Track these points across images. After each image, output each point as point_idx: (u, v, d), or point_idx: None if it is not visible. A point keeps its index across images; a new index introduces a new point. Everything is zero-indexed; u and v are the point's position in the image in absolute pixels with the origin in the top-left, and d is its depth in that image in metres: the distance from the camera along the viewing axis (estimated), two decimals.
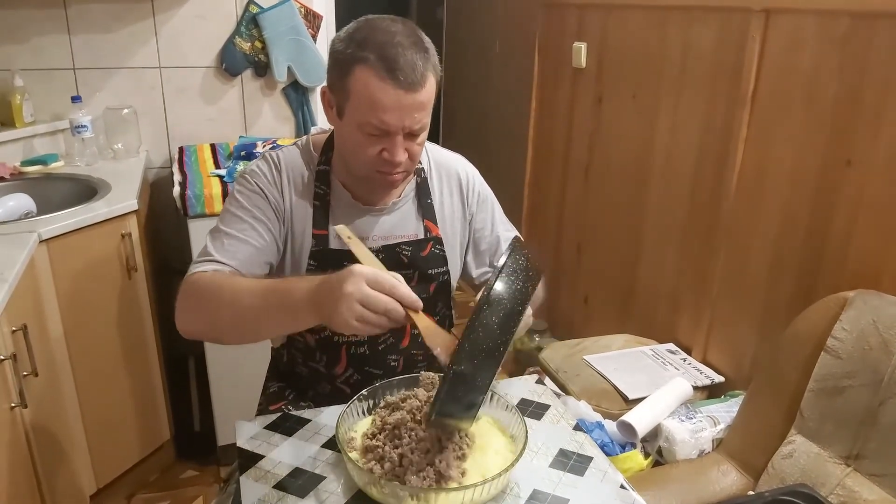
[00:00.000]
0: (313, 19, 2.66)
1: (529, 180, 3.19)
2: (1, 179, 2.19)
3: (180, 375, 2.67)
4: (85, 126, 2.35)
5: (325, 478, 1.03)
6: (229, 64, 2.59)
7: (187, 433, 2.48)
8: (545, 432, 1.17)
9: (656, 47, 2.24)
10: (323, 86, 1.23)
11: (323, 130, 1.38)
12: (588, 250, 2.78)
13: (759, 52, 1.85)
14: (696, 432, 1.75)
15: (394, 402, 1.13)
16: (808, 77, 1.72)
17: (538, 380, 1.35)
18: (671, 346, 2.23)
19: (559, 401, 1.31)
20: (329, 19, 2.74)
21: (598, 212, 2.68)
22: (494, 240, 1.45)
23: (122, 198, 2.04)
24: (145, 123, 2.58)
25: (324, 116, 2.78)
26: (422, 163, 1.38)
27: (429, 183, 1.38)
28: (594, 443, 1.16)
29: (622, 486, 1.04)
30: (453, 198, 1.41)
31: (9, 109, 2.33)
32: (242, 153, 2.35)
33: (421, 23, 1.40)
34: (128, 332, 2.09)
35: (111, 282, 2.02)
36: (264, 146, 2.37)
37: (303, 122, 2.75)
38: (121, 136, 2.48)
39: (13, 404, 1.47)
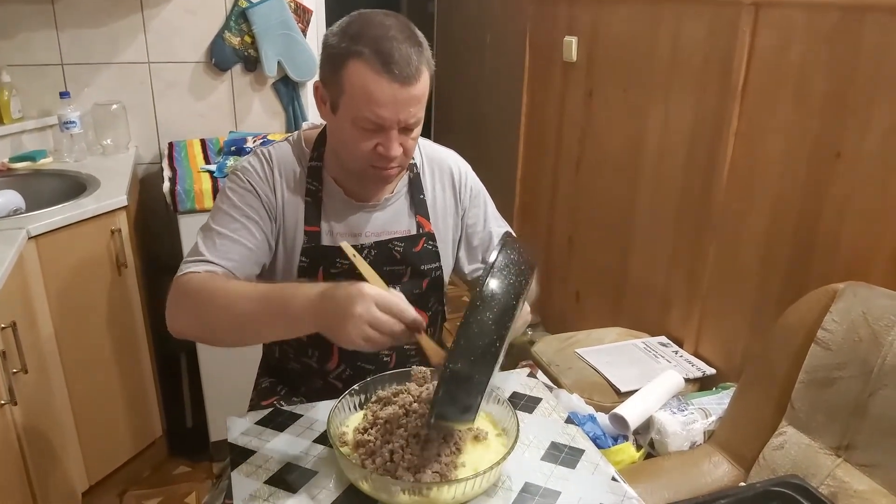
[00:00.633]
0: (303, 14, 2.64)
1: (521, 175, 3.19)
2: None
3: (172, 372, 2.66)
4: (73, 122, 2.34)
5: (316, 473, 1.03)
6: (219, 59, 2.58)
7: (180, 429, 2.47)
8: (537, 425, 1.18)
9: (647, 41, 2.24)
10: (316, 81, 1.22)
11: (314, 125, 1.37)
12: (580, 244, 2.78)
13: (749, 46, 1.85)
14: (688, 424, 1.76)
15: (385, 397, 1.13)
16: (797, 70, 1.73)
17: (530, 373, 1.35)
18: (663, 338, 2.24)
19: (551, 394, 1.31)
20: (319, 14, 2.73)
21: (590, 206, 2.68)
22: (487, 235, 1.45)
23: (112, 194, 2.02)
24: (134, 119, 2.56)
25: (315, 111, 2.78)
26: (414, 158, 1.37)
27: (421, 178, 1.38)
28: (586, 435, 1.16)
29: (614, 479, 1.05)
30: (446, 193, 1.40)
31: None
32: (232, 148, 2.34)
33: (412, 17, 1.39)
34: (118, 328, 2.08)
35: (101, 278, 2.01)
36: (254, 141, 2.36)
37: (293, 117, 2.74)
38: (110, 132, 2.46)
39: (3, 401, 1.47)
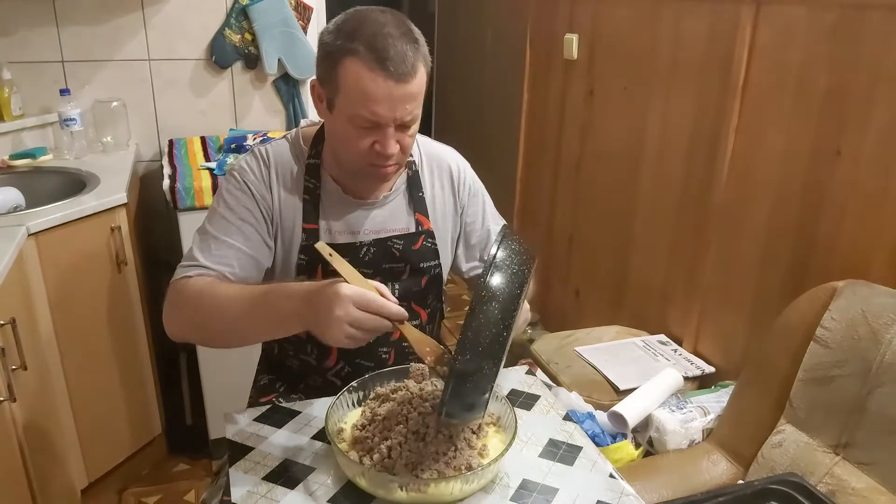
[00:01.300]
0: (304, 11, 2.64)
1: (521, 173, 3.19)
2: None
3: (172, 369, 2.66)
4: (74, 119, 2.34)
5: (314, 469, 1.03)
6: (219, 56, 2.58)
7: (179, 427, 2.48)
8: (535, 422, 1.18)
9: (648, 38, 2.24)
10: (313, 79, 1.22)
11: (313, 123, 1.37)
12: (579, 242, 2.78)
13: (750, 43, 1.85)
14: (687, 422, 1.76)
15: (384, 394, 1.13)
16: (798, 67, 1.72)
17: (528, 371, 1.35)
18: (662, 337, 2.24)
19: (549, 391, 1.31)
20: (320, 11, 2.72)
21: (590, 204, 2.68)
22: (485, 233, 1.45)
23: (112, 191, 2.02)
24: (135, 116, 2.56)
25: (313, 108, 2.78)
26: (413, 156, 1.37)
27: (420, 176, 1.37)
28: (584, 433, 1.16)
29: (611, 476, 1.05)
30: (444, 190, 1.40)
31: None
32: (233, 146, 2.34)
33: (413, 15, 1.39)
34: (118, 326, 2.08)
35: (101, 276, 2.01)
36: (255, 139, 2.36)
37: (294, 114, 2.74)
38: (110, 130, 2.46)
39: (2, 398, 1.47)
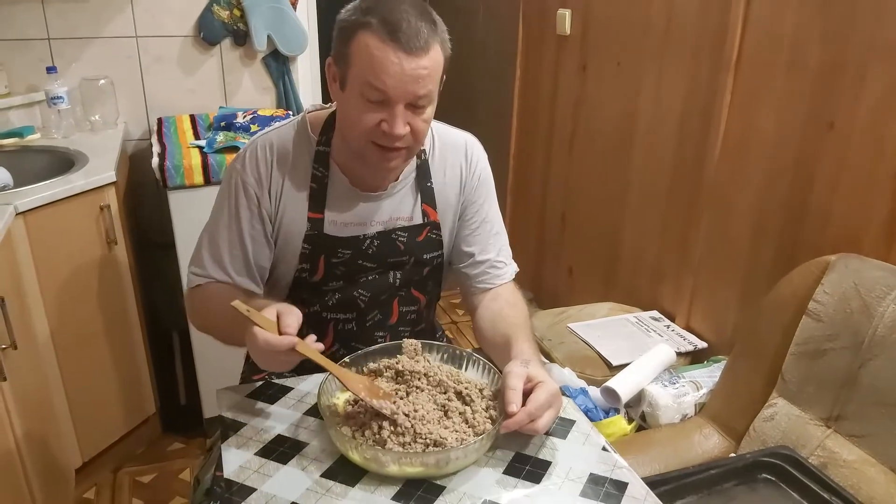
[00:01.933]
0: None
1: (514, 150, 3.17)
2: None
3: (165, 349, 2.66)
4: (61, 97, 2.30)
5: (307, 444, 1.03)
6: (207, 33, 2.54)
7: (173, 406, 2.47)
8: None
9: (641, 13, 2.22)
10: (328, 58, 1.19)
11: (318, 107, 1.33)
12: (572, 219, 2.78)
13: (743, 17, 1.83)
14: (679, 397, 1.77)
15: (376, 369, 1.12)
16: (791, 40, 1.71)
17: None
18: (655, 313, 2.25)
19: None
20: None
21: (583, 181, 2.67)
22: (478, 225, 1.38)
23: (100, 170, 2.00)
24: (123, 94, 2.53)
25: (305, 87, 2.76)
26: (424, 144, 1.32)
27: (429, 164, 1.33)
28: (577, 406, 1.16)
29: (604, 449, 1.05)
30: (454, 172, 1.34)
31: None
32: (222, 124, 2.31)
33: None
34: (109, 305, 2.07)
35: (91, 254, 1.99)
36: (245, 117, 2.33)
37: (283, 92, 2.71)
38: (98, 108, 2.43)
39: None
